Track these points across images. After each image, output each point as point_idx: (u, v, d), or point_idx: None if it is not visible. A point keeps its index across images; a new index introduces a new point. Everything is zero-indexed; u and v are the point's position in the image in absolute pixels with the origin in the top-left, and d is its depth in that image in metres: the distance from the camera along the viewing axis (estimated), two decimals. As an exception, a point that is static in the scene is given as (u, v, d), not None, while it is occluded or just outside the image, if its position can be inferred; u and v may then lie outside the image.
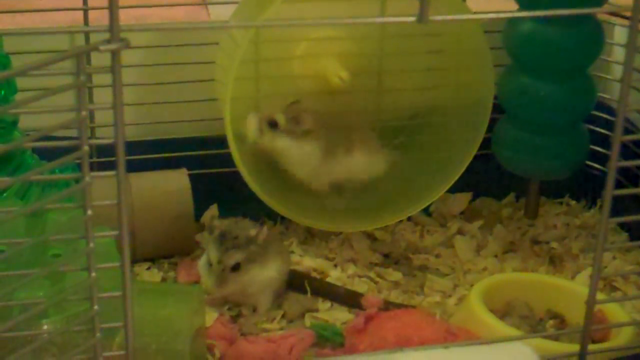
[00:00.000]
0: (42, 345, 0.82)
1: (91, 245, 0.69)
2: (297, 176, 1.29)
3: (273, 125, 1.25)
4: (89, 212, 0.68)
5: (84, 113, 0.64)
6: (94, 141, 0.67)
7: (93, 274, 0.70)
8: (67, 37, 1.29)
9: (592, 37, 1.23)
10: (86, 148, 0.65)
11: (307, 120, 1.25)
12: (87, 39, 1.27)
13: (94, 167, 1.24)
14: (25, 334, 0.77)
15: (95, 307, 0.72)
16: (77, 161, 0.67)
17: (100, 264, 0.72)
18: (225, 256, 1.11)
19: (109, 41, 0.63)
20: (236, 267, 1.12)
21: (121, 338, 0.77)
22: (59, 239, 0.85)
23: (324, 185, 1.32)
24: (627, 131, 0.81)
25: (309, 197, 1.32)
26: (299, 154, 1.27)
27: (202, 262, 1.15)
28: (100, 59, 0.67)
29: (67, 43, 1.29)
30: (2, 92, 1.06)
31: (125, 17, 0.76)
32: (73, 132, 0.67)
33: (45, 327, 0.85)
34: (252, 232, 1.13)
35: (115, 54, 0.64)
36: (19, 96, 1.09)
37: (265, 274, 1.15)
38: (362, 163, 1.31)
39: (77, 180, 0.68)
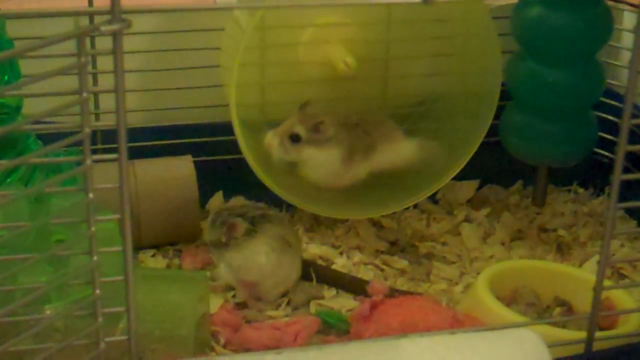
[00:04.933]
0: (45, 330, 0.82)
1: (92, 228, 0.68)
2: (316, 181, 1.28)
3: (295, 139, 1.24)
4: (91, 195, 0.67)
5: (85, 95, 0.63)
6: (95, 124, 0.66)
7: (95, 258, 0.70)
8: (71, 23, 1.28)
9: (601, 22, 1.21)
10: (87, 130, 0.65)
11: (329, 128, 1.24)
12: (91, 22, 1.26)
13: (99, 154, 1.23)
14: (27, 319, 0.76)
15: (97, 291, 0.71)
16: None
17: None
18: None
19: (110, 22, 0.63)
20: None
21: (124, 324, 0.77)
22: (60, 222, 0.84)
23: (340, 187, 1.31)
24: (635, 118, 0.80)
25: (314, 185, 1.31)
26: (323, 160, 1.26)
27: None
28: (105, 44, 0.67)
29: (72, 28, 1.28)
30: (6, 77, 1.05)
31: (130, 1, 0.75)
32: (79, 120, 0.67)
33: (48, 312, 0.85)
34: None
35: (116, 35, 0.63)
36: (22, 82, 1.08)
37: (268, 259, 1.14)
38: (386, 156, 1.30)
39: (79, 164, 0.68)
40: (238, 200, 1.19)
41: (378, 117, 1.32)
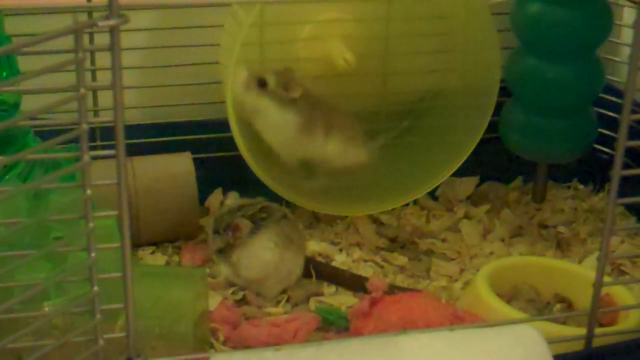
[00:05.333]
0: (44, 327, 0.82)
1: (90, 225, 0.68)
2: (269, 142, 1.27)
3: (262, 84, 1.23)
4: (88, 191, 0.67)
5: (82, 90, 0.63)
6: (93, 119, 0.66)
7: (93, 255, 0.70)
8: (69, 20, 1.28)
9: (601, 18, 1.21)
10: (85, 126, 0.64)
11: (296, 89, 1.23)
12: (89, 18, 1.25)
13: (98, 150, 1.23)
14: (25, 316, 0.76)
15: (96, 288, 0.71)
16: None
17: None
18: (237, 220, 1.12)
19: (108, 18, 0.62)
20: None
21: (123, 321, 0.77)
22: (58, 219, 0.84)
23: (293, 160, 1.29)
24: (635, 113, 0.80)
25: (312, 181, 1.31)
26: (278, 120, 1.24)
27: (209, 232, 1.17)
28: (103, 41, 0.66)
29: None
30: (4, 74, 1.05)
31: (127, -3, 0.75)
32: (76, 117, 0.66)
33: (46, 309, 0.85)
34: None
35: (114, 31, 0.63)
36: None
37: (271, 255, 1.14)
38: (338, 149, 1.29)
39: (77, 160, 0.68)
40: (232, 198, 1.18)
41: (339, 108, 1.32)
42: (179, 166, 1.26)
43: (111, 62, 0.64)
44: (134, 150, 1.15)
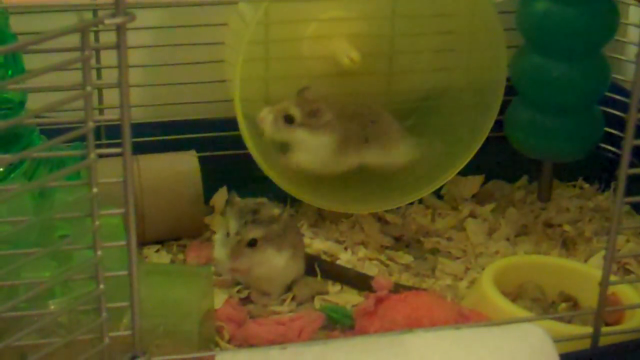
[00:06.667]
0: (49, 326, 0.82)
1: (97, 223, 0.68)
2: (309, 166, 1.27)
3: (289, 120, 1.23)
4: (95, 189, 0.67)
5: (88, 88, 0.63)
6: (99, 117, 0.66)
7: (99, 253, 0.70)
8: (75, 18, 1.28)
9: (607, 16, 1.21)
10: (91, 124, 0.64)
11: (325, 113, 1.24)
12: (95, 15, 1.25)
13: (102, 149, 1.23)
14: (31, 314, 0.76)
15: (101, 286, 0.71)
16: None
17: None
18: (244, 229, 1.10)
19: (114, 15, 0.62)
20: (253, 243, 1.10)
21: (128, 319, 0.76)
22: (64, 217, 0.84)
23: (335, 174, 1.30)
24: (641, 112, 0.80)
25: (319, 179, 1.31)
26: (314, 146, 1.25)
27: (218, 236, 1.15)
28: (109, 40, 0.66)
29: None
30: (10, 72, 1.05)
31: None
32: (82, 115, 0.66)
33: (51, 307, 0.85)
34: (276, 211, 1.12)
35: (120, 28, 0.63)
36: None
37: (279, 260, 1.13)
38: (375, 156, 1.29)
39: (83, 159, 0.68)
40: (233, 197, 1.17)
41: (375, 111, 1.31)
42: (184, 164, 1.26)
43: (117, 60, 0.64)
44: (138, 149, 1.15)
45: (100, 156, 0.68)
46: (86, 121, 0.64)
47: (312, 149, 1.25)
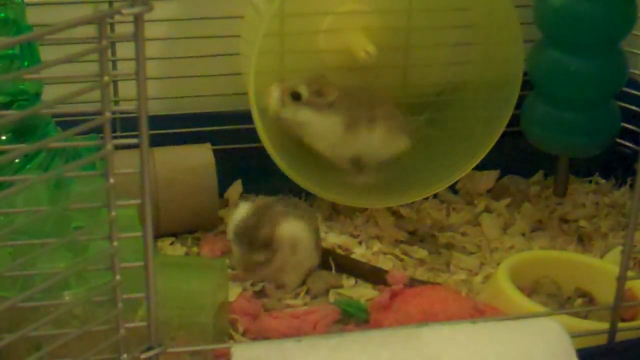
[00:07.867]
0: (64, 317, 0.82)
1: (113, 213, 0.68)
2: (317, 149, 1.28)
3: (296, 97, 1.23)
4: (111, 180, 0.67)
5: (106, 78, 0.63)
6: (116, 108, 0.65)
7: (115, 243, 0.69)
8: (91, 10, 1.28)
9: (624, 10, 1.20)
10: (108, 114, 0.64)
11: (331, 92, 1.24)
12: (111, 6, 1.26)
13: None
14: (46, 304, 0.76)
15: (117, 277, 0.71)
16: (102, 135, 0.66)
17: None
18: (249, 253, 1.12)
19: (132, 5, 0.62)
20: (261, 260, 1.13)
21: (143, 310, 0.76)
22: (80, 207, 0.84)
23: (343, 159, 1.30)
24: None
25: (333, 172, 1.31)
26: (321, 127, 1.25)
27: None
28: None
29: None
30: (26, 63, 1.05)
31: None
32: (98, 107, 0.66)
33: (67, 298, 0.85)
34: (276, 232, 1.13)
35: (138, 19, 0.63)
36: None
37: (295, 258, 1.13)
38: (383, 139, 1.29)
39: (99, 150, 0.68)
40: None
41: (379, 97, 1.32)
42: (199, 157, 1.26)
43: (135, 51, 0.64)
44: (154, 141, 1.14)
45: (117, 147, 0.67)
46: (103, 111, 0.64)
47: (318, 130, 1.26)
